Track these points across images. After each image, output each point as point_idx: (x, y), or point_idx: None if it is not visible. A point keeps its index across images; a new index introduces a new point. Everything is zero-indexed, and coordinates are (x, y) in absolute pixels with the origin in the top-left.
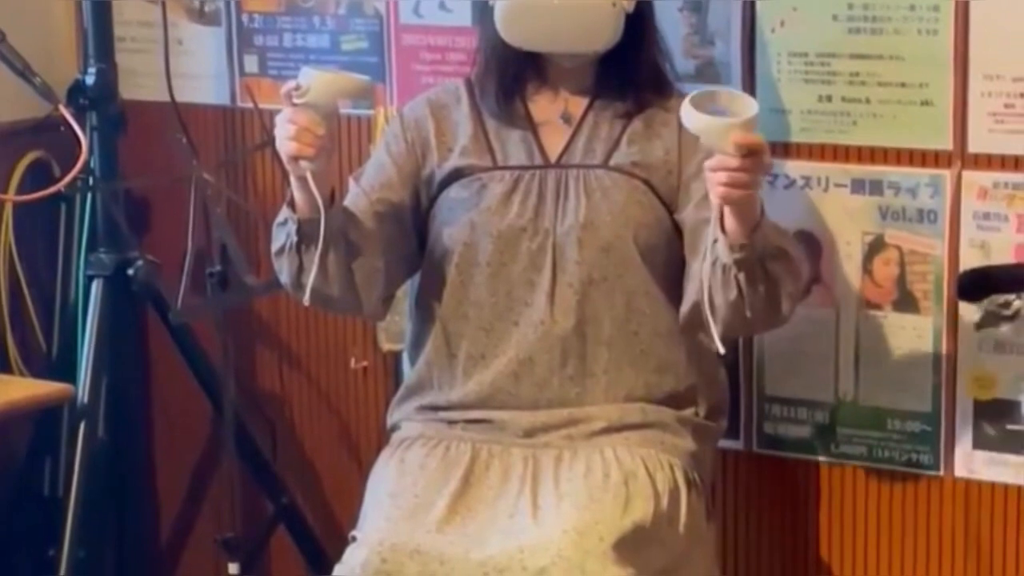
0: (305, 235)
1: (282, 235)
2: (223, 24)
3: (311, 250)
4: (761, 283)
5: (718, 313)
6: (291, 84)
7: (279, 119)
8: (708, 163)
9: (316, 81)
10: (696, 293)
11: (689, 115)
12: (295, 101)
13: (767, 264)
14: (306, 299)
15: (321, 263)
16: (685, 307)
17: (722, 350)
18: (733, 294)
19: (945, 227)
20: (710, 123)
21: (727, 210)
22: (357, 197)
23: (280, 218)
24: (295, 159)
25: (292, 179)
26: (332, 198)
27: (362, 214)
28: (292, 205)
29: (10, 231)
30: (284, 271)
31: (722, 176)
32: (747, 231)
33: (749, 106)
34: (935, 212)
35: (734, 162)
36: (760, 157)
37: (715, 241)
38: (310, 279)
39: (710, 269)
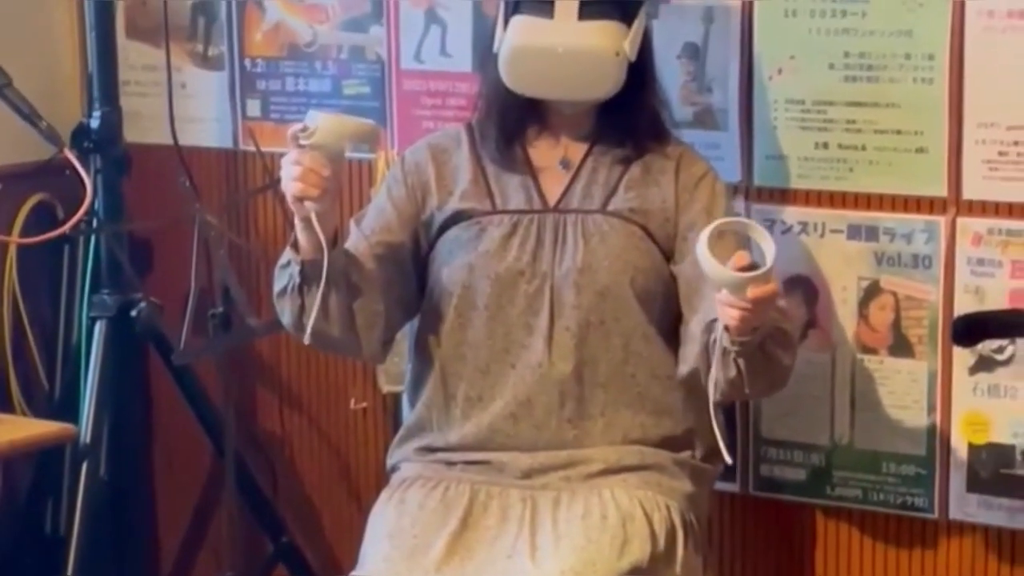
0: (308, 276)
1: (284, 277)
2: (226, 68)
3: (313, 291)
4: (760, 363)
5: (717, 387)
6: (298, 126)
7: (285, 160)
8: (720, 298)
9: (322, 123)
10: (695, 359)
11: (707, 263)
12: (301, 142)
13: (766, 347)
14: (306, 339)
15: (323, 304)
16: (684, 369)
17: (729, 461)
18: (732, 373)
19: (940, 273)
20: (728, 276)
21: None
22: (357, 240)
23: (283, 260)
24: (300, 200)
25: (296, 220)
26: (335, 239)
27: (362, 257)
28: (295, 247)
29: (14, 272)
30: (286, 313)
31: (735, 313)
32: (750, 330)
33: (766, 241)
34: (930, 258)
35: (748, 306)
36: (772, 303)
37: (716, 320)
38: (311, 319)
39: (711, 348)
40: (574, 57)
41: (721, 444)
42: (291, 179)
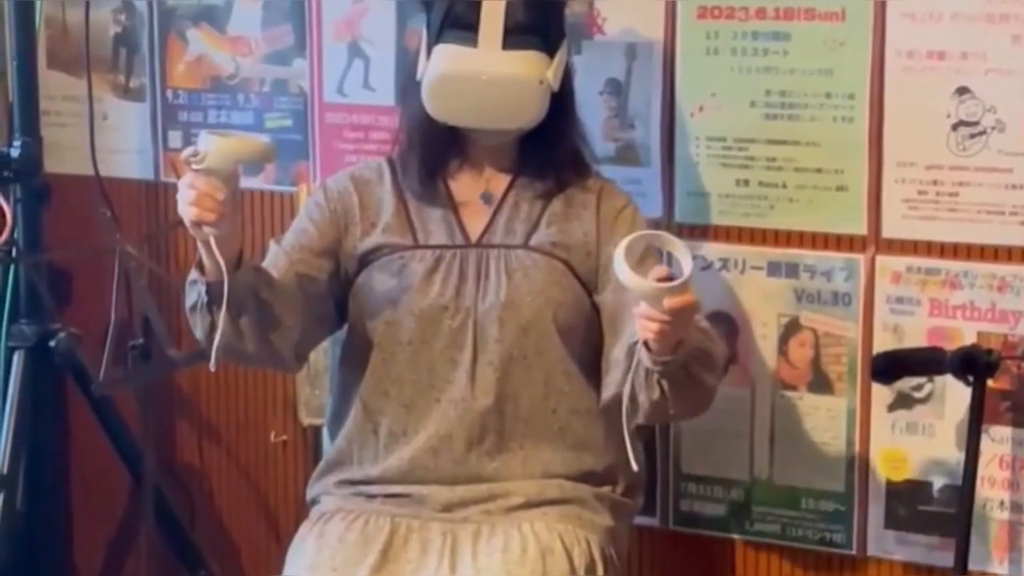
0: (214, 296)
1: (193, 293)
2: (148, 100)
3: (220, 310)
4: (684, 384)
5: (641, 409)
6: (189, 150)
7: (180, 184)
8: (638, 311)
9: (214, 146)
10: (617, 384)
11: (624, 274)
12: (194, 167)
13: (690, 367)
14: (212, 364)
15: (233, 323)
16: (607, 394)
17: (636, 468)
18: (656, 395)
19: (859, 310)
20: (645, 286)
21: None
22: (277, 256)
23: (191, 277)
24: (197, 224)
25: (198, 243)
26: (240, 260)
27: (281, 272)
28: (201, 266)
29: None
30: (198, 327)
31: (653, 326)
32: (672, 348)
33: (683, 254)
34: (849, 295)
35: (666, 318)
36: (691, 314)
37: (637, 342)
38: (216, 340)
39: (634, 370)
40: (498, 85)
41: (629, 450)
42: (186, 204)
